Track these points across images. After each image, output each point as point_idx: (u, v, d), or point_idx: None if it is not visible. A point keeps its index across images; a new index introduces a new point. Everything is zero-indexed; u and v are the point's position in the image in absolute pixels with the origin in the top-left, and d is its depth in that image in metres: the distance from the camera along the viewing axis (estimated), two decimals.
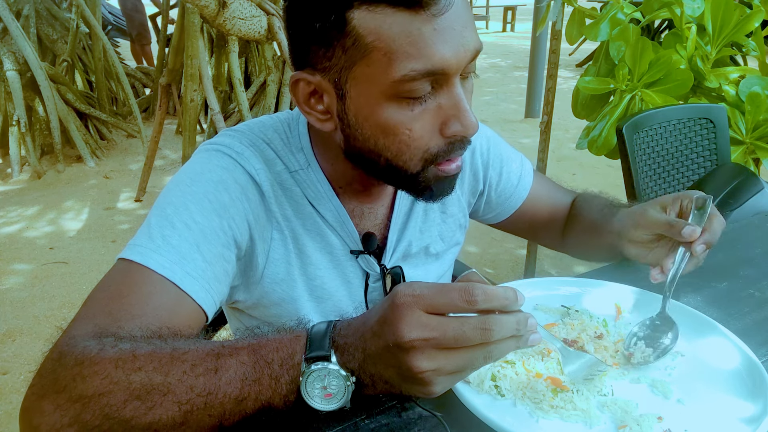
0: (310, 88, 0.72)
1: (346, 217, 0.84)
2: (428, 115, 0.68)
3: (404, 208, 0.90)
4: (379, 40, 0.63)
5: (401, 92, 0.66)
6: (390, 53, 0.63)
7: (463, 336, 0.53)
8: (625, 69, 2.19)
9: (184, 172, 0.78)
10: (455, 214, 0.98)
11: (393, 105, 0.67)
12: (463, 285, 0.54)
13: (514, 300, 0.54)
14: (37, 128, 4.71)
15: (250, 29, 3.31)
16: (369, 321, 0.57)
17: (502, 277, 3.03)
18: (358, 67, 0.66)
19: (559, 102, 2.91)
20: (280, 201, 0.81)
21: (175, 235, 0.70)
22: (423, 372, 0.53)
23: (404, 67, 0.63)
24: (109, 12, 8.06)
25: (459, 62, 0.66)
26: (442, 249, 0.98)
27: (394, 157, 0.71)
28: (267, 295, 0.84)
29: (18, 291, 2.97)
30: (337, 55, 0.67)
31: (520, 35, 12.24)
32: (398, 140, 0.69)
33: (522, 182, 1.04)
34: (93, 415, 0.55)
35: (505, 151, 1.03)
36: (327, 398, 0.57)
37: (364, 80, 0.67)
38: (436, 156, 0.71)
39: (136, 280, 0.67)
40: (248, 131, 0.83)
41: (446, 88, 0.68)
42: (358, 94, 0.68)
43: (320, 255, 0.85)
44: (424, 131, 0.69)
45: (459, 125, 0.68)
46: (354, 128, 0.71)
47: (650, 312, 0.82)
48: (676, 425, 0.63)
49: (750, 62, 2.88)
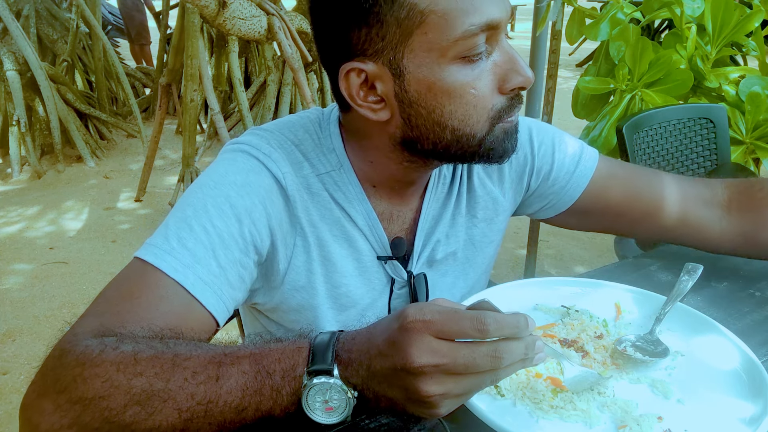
0: (361, 78, 0.71)
1: (375, 220, 0.82)
2: (487, 73, 0.69)
3: (432, 211, 0.88)
4: (433, 3, 0.65)
5: (462, 52, 0.66)
6: (446, 14, 0.65)
7: (474, 363, 0.52)
8: (625, 69, 2.19)
9: (208, 174, 0.76)
10: (489, 218, 0.92)
11: (454, 67, 0.67)
12: (474, 314, 0.53)
13: (525, 327, 0.54)
14: (37, 128, 4.71)
15: (250, 29, 3.31)
16: (375, 339, 0.56)
17: (502, 277, 3.02)
18: (415, 37, 0.66)
19: (559, 102, 2.91)
20: (306, 206, 0.79)
21: (191, 238, 0.69)
22: (431, 396, 0.53)
23: (463, 23, 0.65)
24: (109, 12, 8.06)
25: (506, 15, 0.68)
26: (472, 254, 0.93)
27: (461, 123, 0.71)
28: (286, 301, 0.83)
29: (18, 291, 2.97)
30: (391, 32, 0.66)
31: (520, 35, 12.23)
32: (465, 102, 0.69)
33: (581, 166, 0.92)
34: (93, 417, 0.55)
35: (556, 136, 0.94)
36: (328, 411, 0.57)
37: (423, 49, 0.67)
38: (500, 114, 0.72)
39: (148, 281, 0.67)
40: (277, 131, 0.81)
41: (496, 44, 0.69)
42: (417, 66, 0.68)
43: (347, 262, 0.83)
44: (487, 89, 0.70)
45: (518, 76, 0.70)
46: (416, 104, 0.70)
47: (650, 312, 0.82)
48: (676, 425, 0.63)
49: (750, 62, 2.88)
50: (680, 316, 0.81)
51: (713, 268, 0.95)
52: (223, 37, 4.81)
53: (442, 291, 0.91)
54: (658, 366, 0.73)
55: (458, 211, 0.90)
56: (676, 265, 0.94)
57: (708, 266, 0.90)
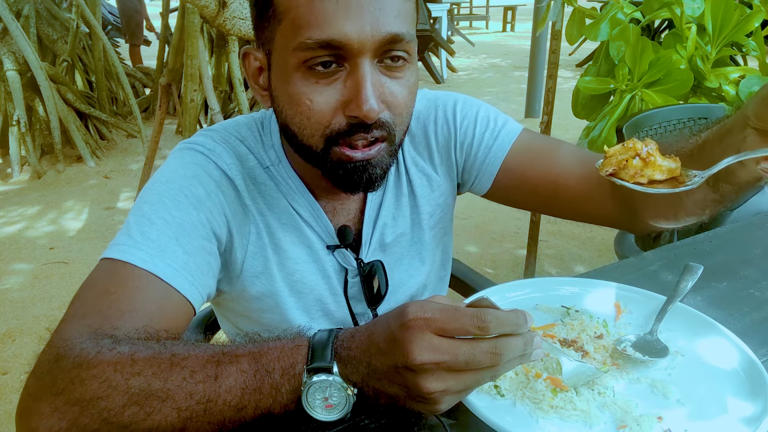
0: (256, 65, 0.77)
1: (320, 211, 0.84)
2: (332, 90, 0.69)
3: (377, 198, 0.90)
4: (288, 10, 0.67)
5: (301, 60, 0.68)
6: (295, 20, 0.67)
7: (474, 360, 0.53)
8: (625, 69, 2.19)
9: (159, 172, 0.79)
10: (427, 195, 0.92)
11: (299, 75, 0.69)
12: (475, 311, 0.54)
13: (524, 324, 0.56)
14: (37, 128, 4.71)
15: (250, 29, 3.30)
16: (375, 336, 0.57)
17: (502, 277, 3.02)
18: (277, 37, 0.70)
19: (559, 102, 2.91)
20: (254, 195, 0.82)
21: (153, 231, 0.71)
22: (432, 393, 0.54)
23: (302, 35, 0.66)
24: (109, 12, 8.07)
25: (362, 41, 0.65)
26: (420, 233, 0.93)
27: (299, 131, 0.73)
28: (247, 289, 0.84)
29: (18, 291, 2.97)
30: (268, 27, 0.71)
31: (520, 35, 12.24)
32: (300, 111, 0.70)
33: (499, 140, 0.91)
34: (91, 419, 0.55)
35: (480, 112, 0.93)
36: (328, 409, 0.57)
37: (279, 49, 0.70)
38: (336, 134, 0.70)
39: (120, 277, 0.68)
40: (222, 129, 0.85)
41: (353, 67, 0.68)
42: (275, 65, 0.72)
43: (298, 249, 0.85)
44: (325, 105, 0.69)
45: (355, 107, 0.68)
46: (275, 100, 0.75)
47: (650, 312, 0.82)
48: (676, 425, 0.63)
49: (750, 62, 2.88)
50: (680, 316, 0.81)
51: (713, 268, 0.96)
52: (223, 37, 4.80)
53: (400, 275, 0.93)
54: (658, 366, 0.73)
55: (400, 191, 0.91)
56: (676, 265, 0.94)
57: (708, 266, 0.90)
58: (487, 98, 7.08)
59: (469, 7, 13.32)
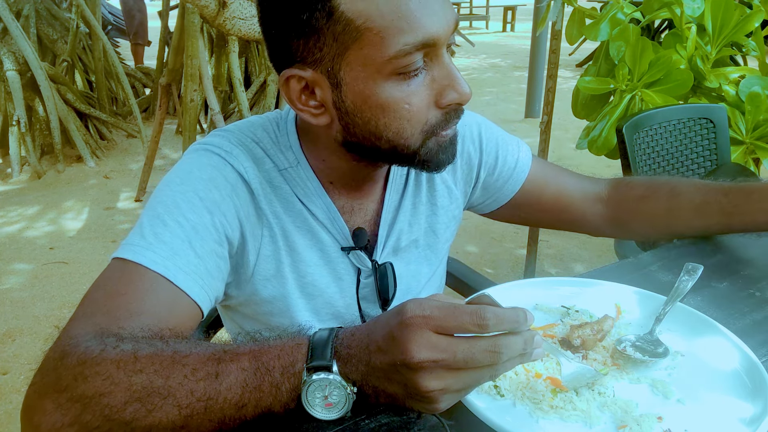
0: (301, 84, 0.73)
1: (336, 213, 0.85)
2: (424, 88, 0.70)
3: (394, 202, 0.91)
4: (369, 21, 0.65)
5: (397, 68, 0.67)
6: (382, 31, 0.65)
7: (473, 358, 0.53)
8: (625, 69, 2.19)
9: (174, 172, 0.79)
10: (446, 206, 0.97)
11: (390, 82, 0.69)
12: (474, 308, 0.54)
13: (524, 321, 0.55)
14: (37, 128, 4.71)
15: (250, 29, 3.31)
16: (374, 334, 0.57)
17: (502, 277, 3.02)
18: (352, 52, 0.67)
19: (559, 102, 2.91)
20: (270, 198, 0.82)
21: (167, 233, 0.71)
22: (431, 391, 0.54)
23: (398, 43, 0.65)
24: (109, 12, 8.07)
25: (446, 32, 0.68)
26: (433, 241, 0.97)
27: (396, 136, 0.72)
28: (258, 292, 0.84)
29: (18, 291, 2.97)
30: (328, 44, 0.68)
31: (520, 35, 12.24)
32: (398, 116, 0.70)
33: (520, 164, 1.01)
34: (93, 415, 0.55)
35: (499, 135, 1.01)
36: (327, 407, 0.58)
37: (358, 63, 0.68)
38: (435, 128, 0.73)
39: (131, 277, 0.68)
40: (237, 131, 0.84)
41: (436, 59, 0.70)
42: (353, 79, 0.69)
43: (311, 252, 0.85)
44: (422, 104, 0.71)
45: (454, 93, 0.71)
46: (353, 114, 0.72)
47: (650, 312, 0.82)
48: (676, 425, 0.63)
49: (750, 62, 2.88)
50: (680, 316, 0.81)
51: (713, 268, 0.96)
52: (223, 37, 4.80)
53: (408, 278, 0.94)
54: (658, 366, 0.73)
55: (419, 199, 0.93)
56: (676, 265, 0.94)
57: (708, 266, 0.90)
58: (487, 98, 7.08)
59: (469, 7, 13.32)
